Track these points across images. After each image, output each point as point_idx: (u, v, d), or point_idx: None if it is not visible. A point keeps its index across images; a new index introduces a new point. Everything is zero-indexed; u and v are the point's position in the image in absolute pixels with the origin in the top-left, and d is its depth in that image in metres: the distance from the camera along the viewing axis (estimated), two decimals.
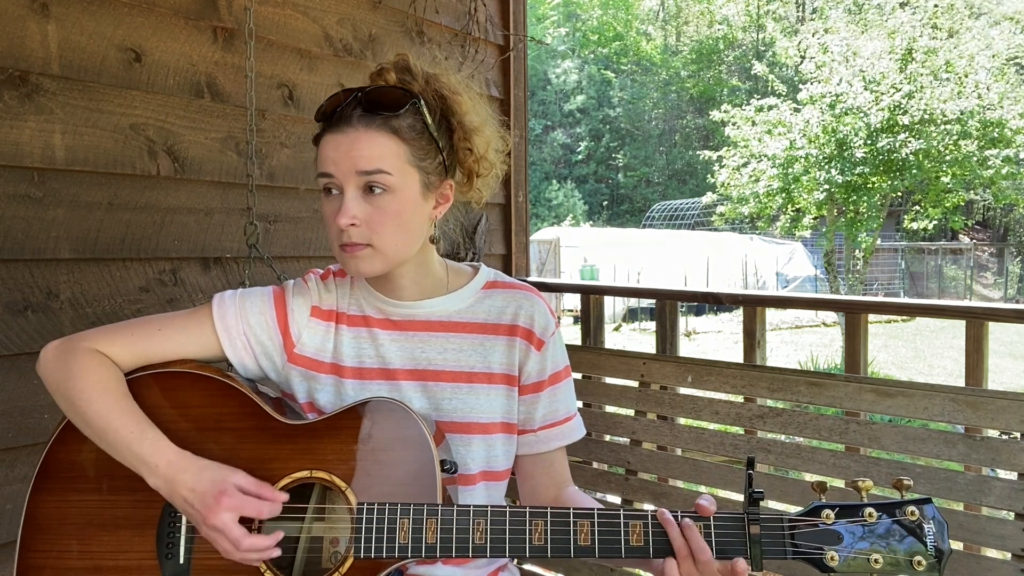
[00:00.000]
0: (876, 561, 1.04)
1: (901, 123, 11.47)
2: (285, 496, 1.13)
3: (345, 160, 1.18)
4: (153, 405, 1.20)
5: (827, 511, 1.07)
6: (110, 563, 1.17)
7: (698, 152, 20.71)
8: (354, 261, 1.21)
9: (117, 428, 1.15)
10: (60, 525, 1.19)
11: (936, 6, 12.75)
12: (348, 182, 1.18)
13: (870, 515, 1.06)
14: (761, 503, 1.09)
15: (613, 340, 12.79)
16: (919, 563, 1.03)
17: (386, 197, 1.19)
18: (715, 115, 14.16)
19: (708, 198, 14.87)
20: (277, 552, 1.11)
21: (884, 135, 11.51)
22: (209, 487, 1.10)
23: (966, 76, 11.61)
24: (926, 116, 11.29)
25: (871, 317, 4.53)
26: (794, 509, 1.77)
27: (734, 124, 13.30)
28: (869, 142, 11.64)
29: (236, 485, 1.11)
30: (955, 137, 11.32)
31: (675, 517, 1.10)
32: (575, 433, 1.38)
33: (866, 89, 11.70)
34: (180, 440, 1.17)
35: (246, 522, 1.11)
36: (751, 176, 12.87)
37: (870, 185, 11.90)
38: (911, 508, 1.05)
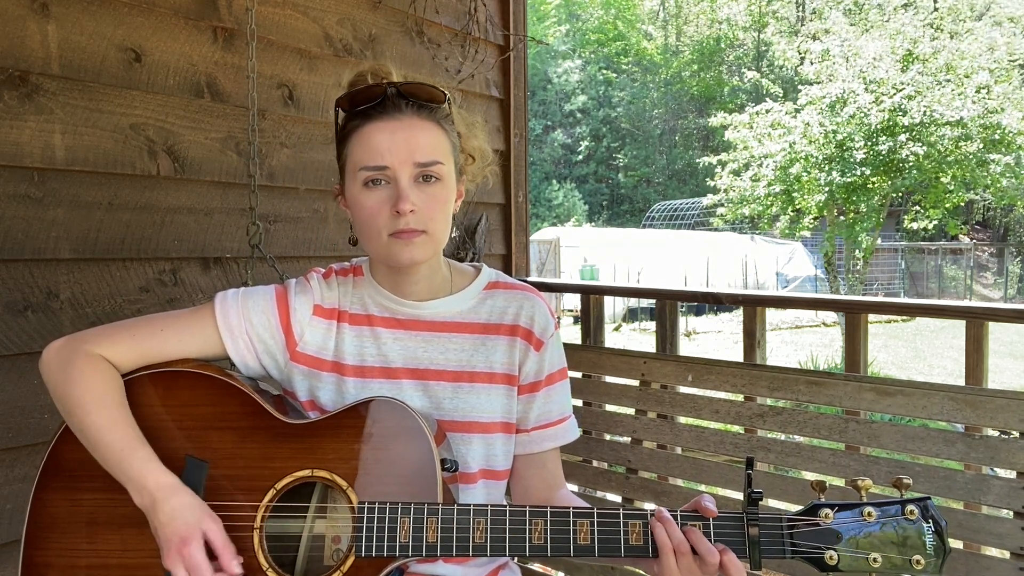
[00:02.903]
0: (875, 560, 1.04)
1: (901, 124, 11.47)
2: (239, 571, 1.10)
3: (402, 149, 1.19)
4: (154, 405, 1.21)
5: (826, 510, 1.07)
6: (114, 561, 1.17)
7: (698, 159, 20.71)
8: (410, 248, 1.20)
9: (109, 443, 1.15)
10: (64, 523, 1.19)
11: (937, 8, 12.74)
12: (403, 171, 1.19)
13: (869, 514, 1.06)
14: (760, 503, 1.09)
15: (613, 340, 12.79)
16: (918, 562, 1.03)
17: (437, 186, 1.21)
18: (713, 121, 14.16)
19: (709, 199, 14.88)
20: None
21: (884, 136, 11.51)
22: (179, 529, 1.09)
23: (967, 78, 11.60)
24: (926, 118, 11.29)
25: (871, 317, 4.53)
26: (794, 508, 1.77)
27: (734, 127, 13.31)
28: (869, 143, 11.64)
29: (205, 534, 1.10)
30: (956, 139, 11.32)
31: (675, 517, 1.10)
32: (568, 435, 1.38)
33: (866, 90, 11.71)
34: (182, 439, 1.17)
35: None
36: (752, 178, 12.87)
37: (870, 186, 11.90)
38: (911, 507, 1.05)
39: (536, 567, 2.66)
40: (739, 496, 2.01)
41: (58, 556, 1.18)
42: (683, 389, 2.19)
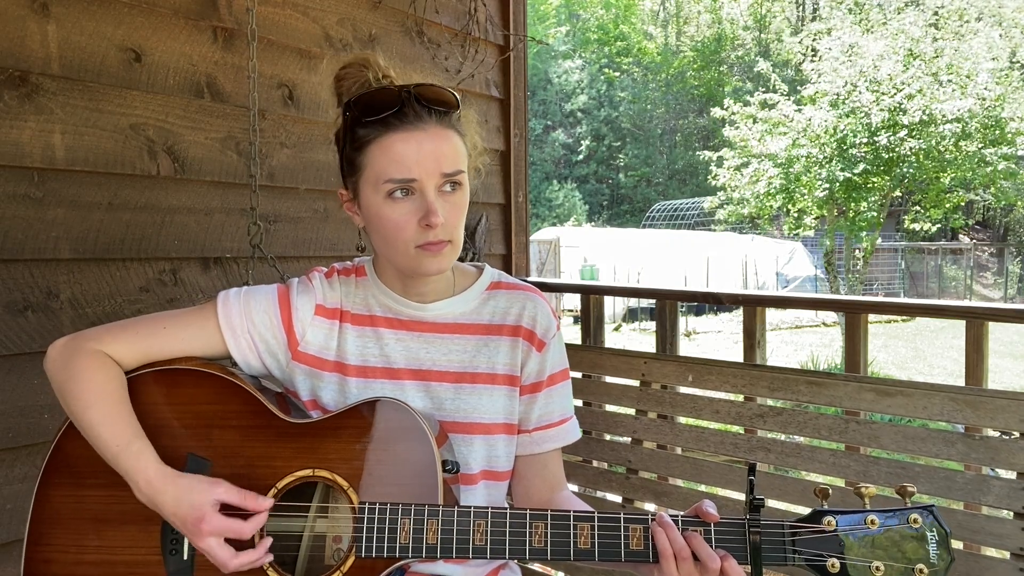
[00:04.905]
0: (878, 569, 1.03)
1: (901, 123, 11.48)
2: (269, 502, 1.13)
3: (430, 161, 1.17)
4: (157, 403, 1.21)
5: (829, 517, 1.06)
6: (116, 557, 1.18)
7: (698, 153, 20.71)
8: (438, 259, 1.20)
9: (107, 438, 1.15)
10: (67, 520, 1.19)
11: (938, 9, 12.76)
12: (429, 183, 1.17)
13: (872, 522, 1.05)
14: (762, 509, 1.08)
15: (613, 340, 12.79)
16: (921, 571, 1.02)
17: (459, 193, 1.22)
18: (717, 112, 14.13)
19: (709, 203, 14.88)
20: (269, 557, 1.13)
21: (884, 132, 11.53)
22: (188, 513, 1.10)
23: (968, 78, 11.62)
24: (926, 117, 11.30)
25: (871, 317, 4.54)
26: (793, 508, 1.77)
27: (734, 124, 13.30)
28: (869, 141, 11.65)
29: (216, 501, 1.10)
30: (955, 138, 11.33)
31: (676, 522, 1.09)
32: (569, 436, 1.38)
33: (868, 90, 11.72)
34: (184, 438, 1.18)
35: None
36: (752, 176, 12.88)
37: (870, 185, 11.91)
38: (914, 515, 1.05)
39: (536, 567, 2.67)
40: (739, 496, 2.01)
41: (61, 552, 1.19)
42: (683, 389, 2.19)
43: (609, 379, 2.32)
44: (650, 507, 2.23)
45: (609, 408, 2.32)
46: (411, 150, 1.16)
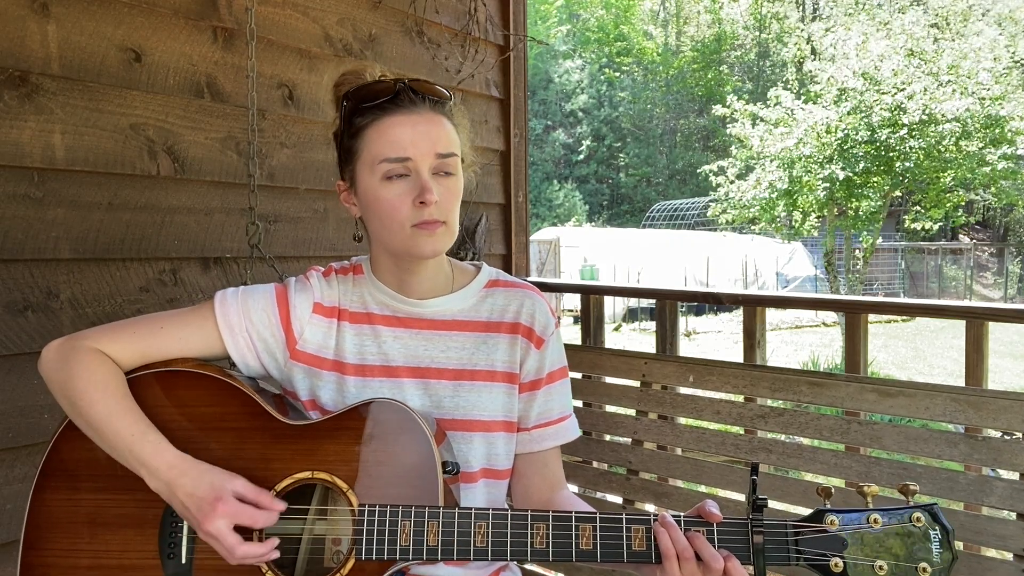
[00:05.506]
0: (881, 568, 1.03)
1: (901, 123, 11.48)
2: (283, 505, 1.13)
3: (424, 141, 1.20)
4: (154, 404, 1.20)
5: (832, 517, 1.06)
6: (113, 562, 1.17)
7: (698, 169, 20.69)
8: (432, 239, 1.22)
9: (118, 430, 1.15)
10: (63, 523, 1.19)
11: (939, 10, 12.77)
12: (424, 163, 1.20)
13: (875, 521, 1.05)
14: (765, 509, 1.08)
15: (613, 340, 12.79)
16: (924, 570, 1.02)
17: (453, 178, 1.23)
18: (719, 110, 14.11)
19: (711, 211, 14.90)
20: (275, 555, 1.12)
21: (885, 130, 11.53)
22: (207, 492, 1.09)
23: (968, 77, 11.62)
24: (926, 116, 11.31)
25: (871, 317, 4.53)
26: (794, 509, 1.76)
27: (736, 122, 13.29)
28: (870, 139, 11.65)
29: (234, 491, 1.10)
30: (955, 137, 11.33)
31: (679, 522, 1.09)
32: (569, 434, 1.38)
33: (868, 89, 11.72)
34: (181, 440, 1.17)
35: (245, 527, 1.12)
36: (754, 181, 12.88)
37: (871, 184, 11.92)
38: (917, 514, 1.04)
39: (535, 567, 2.66)
40: (740, 497, 2.01)
41: (57, 557, 1.18)
42: (684, 390, 2.18)
43: (609, 380, 2.32)
44: (650, 508, 2.22)
45: (609, 409, 2.32)
46: (406, 131, 1.20)
